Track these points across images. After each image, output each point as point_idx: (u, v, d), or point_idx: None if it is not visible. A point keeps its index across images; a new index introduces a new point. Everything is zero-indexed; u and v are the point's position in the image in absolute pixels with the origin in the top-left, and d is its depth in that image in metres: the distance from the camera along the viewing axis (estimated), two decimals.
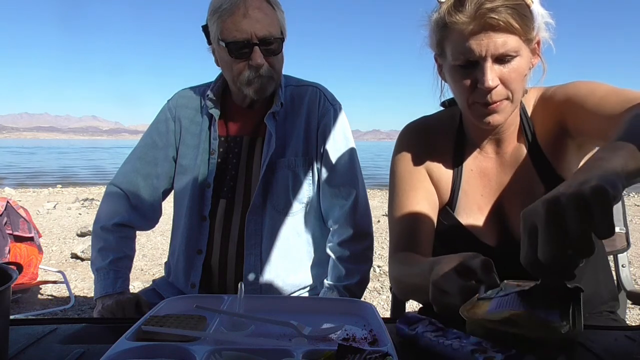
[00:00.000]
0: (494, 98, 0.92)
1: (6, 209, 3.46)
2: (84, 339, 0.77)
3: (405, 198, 1.07)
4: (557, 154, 1.01)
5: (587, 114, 0.90)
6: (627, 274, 1.44)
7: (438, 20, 0.94)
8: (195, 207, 1.32)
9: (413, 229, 1.05)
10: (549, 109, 1.01)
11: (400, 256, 1.03)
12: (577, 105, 0.94)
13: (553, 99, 1.01)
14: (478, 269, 0.73)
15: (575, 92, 0.96)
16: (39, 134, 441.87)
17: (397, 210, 1.08)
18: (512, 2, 0.86)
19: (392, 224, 1.10)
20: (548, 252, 0.54)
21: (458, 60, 0.92)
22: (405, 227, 1.06)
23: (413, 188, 1.08)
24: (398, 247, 1.05)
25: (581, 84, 0.97)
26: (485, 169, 1.07)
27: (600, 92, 0.91)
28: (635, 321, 3.17)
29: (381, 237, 5.37)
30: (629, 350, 0.74)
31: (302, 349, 0.64)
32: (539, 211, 0.55)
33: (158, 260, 4.66)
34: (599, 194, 0.52)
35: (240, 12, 1.18)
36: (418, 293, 0.96)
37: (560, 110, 0.98)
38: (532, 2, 0.89)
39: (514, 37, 0.88)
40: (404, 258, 1.01)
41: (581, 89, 0.95)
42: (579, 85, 0.97)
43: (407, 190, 1.08)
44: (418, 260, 0.96)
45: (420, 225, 1.05)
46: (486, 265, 0.72)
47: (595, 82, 0.96)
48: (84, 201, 8.60)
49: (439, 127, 1.12)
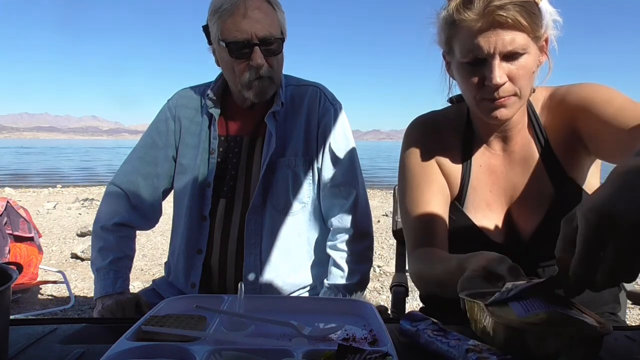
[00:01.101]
0: (502, 94, 0.92)
1: (6, 209, 3.46)
2: (84, 339, 0.77)
3: (420, 193, 1.07)
4: (567, 155, 1.01)
5: (603, 124, 0.90)
6: None
7: (446, 18, 0.94)
8: (195, 206, 1.32)
9: (430, 224, 1.04)
10: (560, 110, 1.01)
11: (420, 253, 1.02)
12: (592, 113, 0.93)
13: (565, 100, 1.00)
14: (505, 275, 0.73)
15: (589, 97, 0.95)
16: (39, 134, 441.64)
17: (411, 205, 1.07)
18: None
19: (406, 219, 1.09)
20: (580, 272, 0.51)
21: (466, 58, 0.92)
22: (421, 222, 1.05)
23: (427, 182, 1.07)
24: (416, 244, 1.05)
25: (595, 90, 0.96)
26: (494, 166, 1.07)
27: (617, 103, 0.90)
28: (635, 321, 3.17)
29: (381, 237, 5.37)
30: (629, 350, 0.74)
31: (302, 349, 0.64)
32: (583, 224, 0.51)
33: (158, 260, 4.66)
34: None
35: (240, 12, 1.18)
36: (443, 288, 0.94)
37: (572, 113, 0.98)
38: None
39: (522, 35, 0.89)
40: (424, 254, 1.01)
41: (596, 96, 0.94)
42: (593, 91, 0.96)
43: (421, 184, 1.07)
44: (440, 256, 0.96)
45: (437, 219, 1.04)
46: (513, 271, 0.73)
47: (609, 90, 0.95)
48: (84, 201, 8.60)
49: (447, 122, 1.12)
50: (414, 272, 1.05)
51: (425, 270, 1.00)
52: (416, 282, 1.07)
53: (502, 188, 1.06)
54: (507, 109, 0.94)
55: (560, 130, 1.01)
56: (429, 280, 1.00)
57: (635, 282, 0.73)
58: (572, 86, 1.02)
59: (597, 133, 0.93)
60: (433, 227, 1.04)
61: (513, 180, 1.05)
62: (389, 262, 4.52)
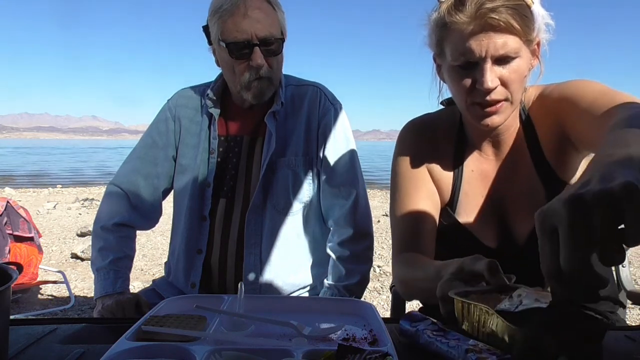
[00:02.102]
0: (493, 98, 0.91)
1: (6, 209, 3.46)
2: (84, 339, 0.77)
3: (408, 198, 1.07)
4: (558, 157, 1.00)
5: (581, 114, 0.90)
6: (627, 274, 1.44)
7: (438, 20, 0.93)
8: (195, 206, 1.32)
9: (416, 230, 1.04)
10: (546, 108, 1.01)
11: (404, 257, 1.03)
12: (571, 105, 0.93)
13: (550, 97, 1.00)
14: (484, 272, 0.73)
15: (569, 92, 0.95)
16: (39, 134, 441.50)
17: (399, 210, 1.08)
18: (513, 2, 0.86)
19: (394, 223, 1.10)
20: (573, 258, 0.47)
21: (457, 61, 0.91)
22: (407, 227, 1.05)
23: (415, 188, 1.07)
24: (402, 248, 1.05)
25: (575, 84, 0.96)
26: (486, 171, 1.07)
27: (594, 93, 0.90)
28: (635, 321, 3.17)
29: (381, 237, 5.37)
30: (629, 350, 0.74)
31: (302, 349, 0.64)
32: (560, 211, 0.48)
33: (158, 260, 4.66)
34: (630, 191, 0.45)
35: (240, 12, 1.18)
36: (424, 295, 0.97)
37: (556, 110, 0.97)
38: (532, 2, 0.88)
39: (514, 38, 0.88)
40: (408, 259, 1.01)
41: (574, 89, 0.94)
42: (573, 85, 0.96)
43: (410, 190, 1.08)
44: (423, 262, 0.96)
45: (423, 225, 1.04)
46: (491, 267, 0.73)
47: (589, 82, 0.94)
48: (84, 201, 8.60)
49: (441, 125, 1.12)
50: (397, 276, 1.05)
51: (406, 274, 1.01)
52: (398, 286, 1.07)
53: (495, 193, 1.05)
54: (498, 116, 0.94)
55: (549, 130, 1.00)
56: (409, 284, 1.01)
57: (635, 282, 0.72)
58: (558, 84, 1.01)
59: (576, 125, 0.92)
60: (419, 233, 1.04)
61: (505, 184, 1.05)
62: (389, 262, 4.53)
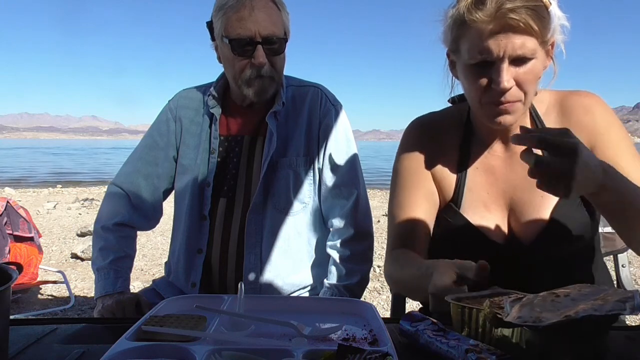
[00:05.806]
0: (508, 99, 0.91)
1: (6, 209, 3.45)
2: (84, 339, 0.77)
3: (406, 197, 1.09)
4: None
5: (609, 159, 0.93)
6: (627, 274, 1.43)
7: (456, 17, 0.93)
8: (195, 206, 1.32)
9: (411, 228, 1.06)
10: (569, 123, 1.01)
11: (396, 254, 1.05)
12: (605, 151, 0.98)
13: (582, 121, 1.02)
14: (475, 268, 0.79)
15: (608, 132, 1.00)
16: (39, 134, 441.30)
17: (396, 208, 1.10)
18: (532, 3, 0.86)
19: (391, 221, 1.11)
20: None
21: (474, 59, 0.91)
22: (403, 225, 1.07)
23: (414, 187, 1.09)
24: (395, 245, 1.07)
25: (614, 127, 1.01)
26: (492, 167, 1.07)
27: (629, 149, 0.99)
28: (635, 321, 3.17)
29: (381, 237, 5.36)
30: (629, 350, 0.74)
31: (302, 349, 0.64)
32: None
33: (158, 260, 4.66)
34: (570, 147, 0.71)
35: (246, 10, 1.18)
36: (411, 292, 1.04)
37: (586, 138, 0.97)
38: (550, 3, 0.88)
39: (532, 39, 0.88)
40: (399, 256, 1.03)
41: (612, 137, 1.00)
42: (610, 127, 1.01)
43: (409, 188, 1.09)
44: (413, 260, 0.98)
45: (418, 224, 1.06)
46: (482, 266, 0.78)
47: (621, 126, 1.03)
48: (84, 201, 8.60)
49: (446, 123, 1.12)
50: (386, 272, 1.08)
51: (395, 271, 1.03)
52: (388, 282, 1.11)
53: (501, 189, 1.05)
54: (511, 115, 0.94)
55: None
56: (397, 281, 1.04)
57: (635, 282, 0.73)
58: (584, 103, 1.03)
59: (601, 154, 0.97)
60: (413, 231, 1.06)
61: (514, 181, 1.05)
62: None
